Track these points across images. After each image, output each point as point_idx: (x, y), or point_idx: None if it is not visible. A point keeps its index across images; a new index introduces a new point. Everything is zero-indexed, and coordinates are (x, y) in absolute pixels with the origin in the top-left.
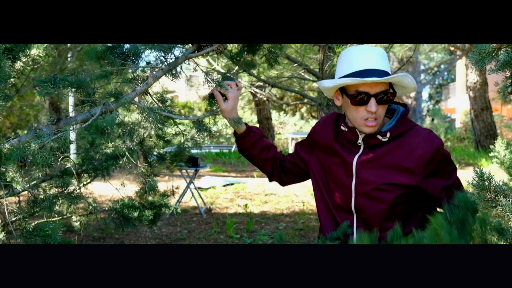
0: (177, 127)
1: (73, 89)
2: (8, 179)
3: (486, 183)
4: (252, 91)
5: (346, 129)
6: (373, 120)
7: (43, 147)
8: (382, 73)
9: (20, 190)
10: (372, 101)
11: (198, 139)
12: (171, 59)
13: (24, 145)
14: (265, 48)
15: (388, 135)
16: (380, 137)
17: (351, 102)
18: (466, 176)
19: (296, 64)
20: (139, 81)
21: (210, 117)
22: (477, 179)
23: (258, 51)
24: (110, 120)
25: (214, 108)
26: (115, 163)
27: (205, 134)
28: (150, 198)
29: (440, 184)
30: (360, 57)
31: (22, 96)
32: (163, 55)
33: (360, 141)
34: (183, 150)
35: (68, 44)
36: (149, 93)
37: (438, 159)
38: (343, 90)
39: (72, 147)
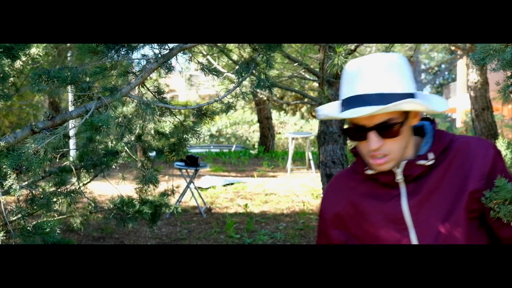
0: (176, 117)
1: (67, 85)
2: (6, 188)
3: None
4: (253, 90)
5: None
6: (381, 157)
7: (38, 151)
8: (379, 99)
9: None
10: (371, 136)
11: (198, 129)
12: (166, 49)
13: (18, 151)
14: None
15: (431, 156)
16: (423, 162)
17: (349, 138)
18: None
19: (296, 64)
20: (134, 74)
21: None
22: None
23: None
24: (106, 119)
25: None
26: (114, 159)
27: (206, 118)
28: (149, 191)
29: None
30: (351, 77)
31: (21, 95)
32: (157, 47)
33: (399, 176)
34: (182, 141)
35: (68, 44)
36: (145, 86)
37: (500, 168)
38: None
39: (71, 143)
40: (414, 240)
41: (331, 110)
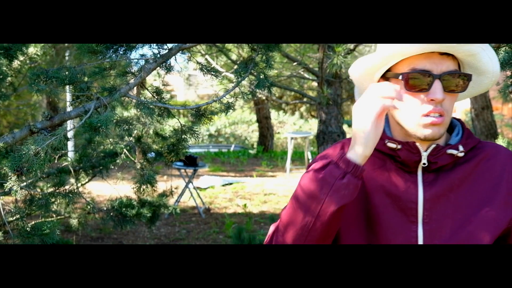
0: (175, 118)
1: (66, 85)
2: (7, 189)
3: None
4: (252, 90)
5: (400, 146)
6: (438, 116)
7: (38, 153)
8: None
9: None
10: (437, 85)
11: (197, 129)
12: (165, 49)
13: (18, 152)
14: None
15: (461, 148)
16: (453, 152)
17: (406, 86)
18: None
19: (295, 63)
20: (133, 74)
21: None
22: None
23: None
24: (105, 119)
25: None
26: (113, 161)
27: (203, 119)
28: (147, 192)
29: None
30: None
31: (19, 95)
32: (155, 47)
33: (425, 160)
34: (181, 141)
35: (66, 43)
36: (145, 86)
37: None
38: (389, 76)
39: (70, 144)
40: (420, 237)
41: (390, 48)
